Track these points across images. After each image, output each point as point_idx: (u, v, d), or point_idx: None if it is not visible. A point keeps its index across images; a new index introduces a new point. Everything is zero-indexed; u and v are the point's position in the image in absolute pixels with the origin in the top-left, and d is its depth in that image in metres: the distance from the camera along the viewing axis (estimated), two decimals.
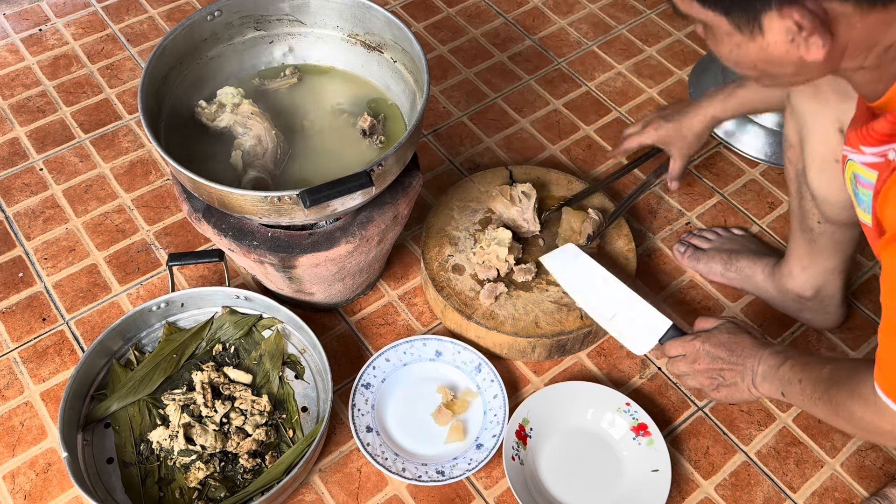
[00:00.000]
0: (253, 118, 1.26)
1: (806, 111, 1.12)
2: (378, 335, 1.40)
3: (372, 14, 1.31)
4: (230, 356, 1.31)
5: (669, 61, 1.85)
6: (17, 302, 1.43)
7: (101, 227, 1.53)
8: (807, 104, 1.12)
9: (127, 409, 1.24)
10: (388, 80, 1.36)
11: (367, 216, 1.23)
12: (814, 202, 1.20)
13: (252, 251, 1.21)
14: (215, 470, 1.19)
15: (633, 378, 1.36)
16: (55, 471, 1.25)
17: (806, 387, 1.00)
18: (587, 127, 1.72)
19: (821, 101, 1.09)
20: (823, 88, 1.08)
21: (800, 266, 1.31)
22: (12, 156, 1.64)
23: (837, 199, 1.15)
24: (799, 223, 1.27)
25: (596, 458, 1.25)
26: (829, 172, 1.13)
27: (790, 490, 1.25)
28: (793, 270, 1.32)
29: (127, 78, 1.79)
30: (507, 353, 1.35)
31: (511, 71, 1.82)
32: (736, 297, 1.45)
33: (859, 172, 0.86)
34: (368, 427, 1.26)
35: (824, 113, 1.09)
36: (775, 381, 1.06)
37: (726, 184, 1.62)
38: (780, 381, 1.05)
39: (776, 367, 1.06)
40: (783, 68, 0.81)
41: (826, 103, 1.09)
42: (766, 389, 1.08)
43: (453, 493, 1.23)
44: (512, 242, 1.35)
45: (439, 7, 1.96)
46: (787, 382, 1.04)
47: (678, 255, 1.50)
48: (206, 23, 1.29)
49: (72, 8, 1.93)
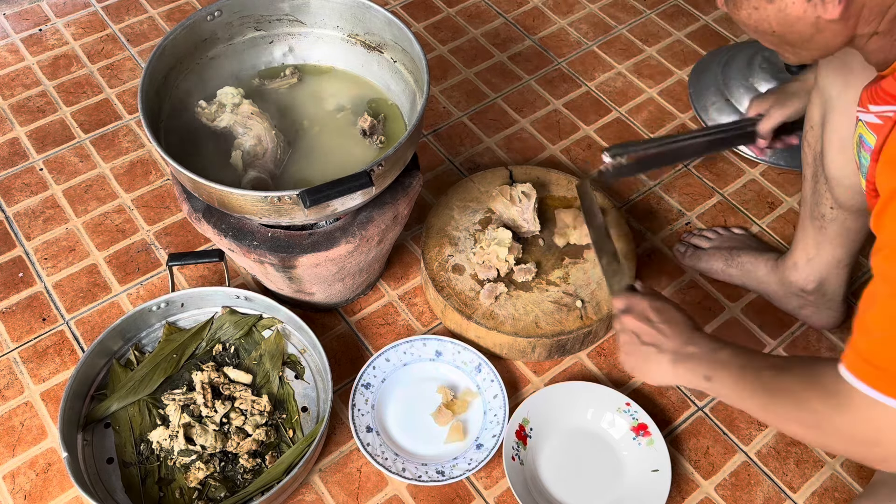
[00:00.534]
0: (253, 118, 1.26)
1: (831, 86, 1.12)
2: (378, 335, 1.40)
3: (372, 14, 1.31)
4: (230, 356, 1.31)
5: (669, 61, 1.85)
6: (17, 302, 1.43)
7: (101, 227, 1.53)
8: (833, 79, 1.11)
9: (127, 409, 1.24)
10: (388, 80, 1.36)
11: (367, 216, 1.23)
12: (827, 185, 1.19)
13: (252, 251, 1.21)
14: (215, 470, 1.19)
15: (633, 378, 1.36)
16: (55, 471, 1.25)
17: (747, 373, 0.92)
18: (587, 127, 1.72)
19: (849, 75, 1.08)
20: (853, 65, 1.07)
21: (805, 257, 1.31)
22: (12, 156, 1.64)
23: (852, 182, 1.15)
24: (810, 210, 1.26)
25: (596, 458, 1.25)
26: (847, 153, 1.12)
27: (790, 490, 1.25)
28: (798, 262, 1.32)
29: (127, 78, 1.79)
30: (507, 353, 1.35)
31: (511, 71, 1.82)
32: (736, 297, 1.45)
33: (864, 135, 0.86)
34: (368, 427, 1.26)
35: (851, 89, 1.08)
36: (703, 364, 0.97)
37: (726, 184, 1.62)
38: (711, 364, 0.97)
39: (712, 350, 0.98)
40: (801, 31, 0.82)
41: (854, 79, 1.07)
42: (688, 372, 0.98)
43: (453, 493, 1.23)
44: (512, 242, 1.35)
45: (439, 7, 1.96)
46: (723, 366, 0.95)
47: (678, 255, 1.50)
48: (206, 23, 1.29)
49: (72, 8, 1.93)
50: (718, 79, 1.73)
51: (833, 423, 0.80)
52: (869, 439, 0.78)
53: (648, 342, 1.03)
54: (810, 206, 1.26)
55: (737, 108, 1.68)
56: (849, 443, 0.81)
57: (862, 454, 0.82)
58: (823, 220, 1.24)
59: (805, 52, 0.88)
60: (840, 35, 0.83)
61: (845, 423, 0.79)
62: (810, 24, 0.81)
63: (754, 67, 1.69)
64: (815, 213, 1.25)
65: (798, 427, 0.86)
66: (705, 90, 1.75)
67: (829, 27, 0.81)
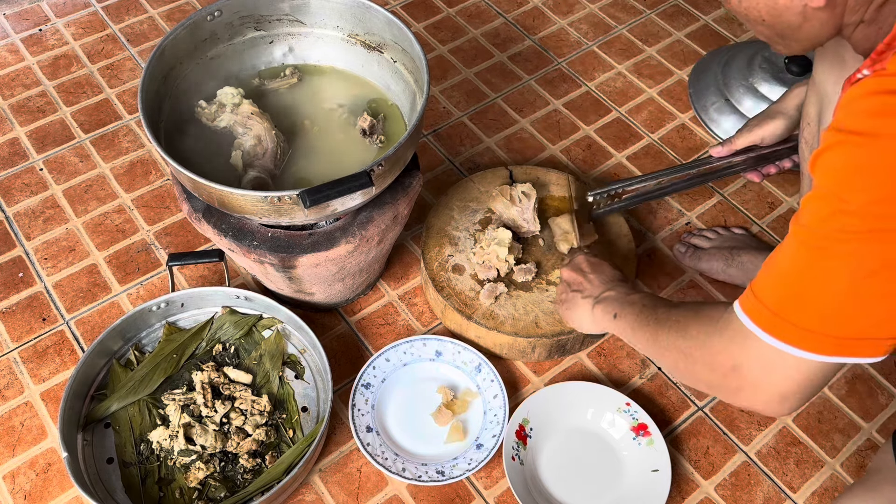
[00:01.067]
0: (253, 118, 1.26)
1: (826, 81, 1.12)
2: (378, 335, 1.40)
3: (372, 14, 1.31)
4: (230, 356, 1.31)
5: (669, 61, 1.85)
6: (17, 302, 1.43)
7: (101, 227, 1.53)
8: (828, 74, 1.12)
9: (127, 409, 1.24)
10: (388, 80, 1.36)
11: (367, 216, 1.23)
12: None
13: (252, 251, 1.21)
14: (215, 470, 1.19)
15: (633, 378, 1.36)
16: (55, 471, 1.25)
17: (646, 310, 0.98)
18: (587, 127, 1.72)
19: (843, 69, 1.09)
20: (847, 58, 1.08)
21: None
22: (12, 156, 1.64)
23: None
24: None
25: (596, 458, 1.25)
26: None
27: (790, 490, 1.25)
28: None
29: (127, 78, 1.79)
30: (507, 353, 1.35)
31: (511, 71, 1.82)
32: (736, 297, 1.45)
33: None
34: (368, 427, 1.26)
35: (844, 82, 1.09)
36: (615, 304, 1.04)
37: (726, 184, 1.62)
38: (620, 303, 1.03)
39: (626, 293, 1.06)
40: (789, 20, 0.83)
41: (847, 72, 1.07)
42: (601, 311, 1.08)
43: (453, 493, 1.23)
44: (512, 242, 1.35)
45: (439, 7, 1.96)
46: (629, 305, 1.02)
47: (679, 255, 1.50)
48: (206, 23, 1.29)
49: (72, 8, 1.93)
50: (718, 79, 1.73)
51: (704, 345, 0.84)
52: (730, 364, 0.81)
53: (576, 289, 1.17)
54: None
55: (736, 108, 1.68)
56: (711, 369, 0.84)
57: (718, 381, 0.84)
58: None
59: (795, 43, 0.89)
60: (827, 24, 0.84)
61: (715, 346, 0.83)
62: (798, 13, 0.82)
63: (754, 67, 1.69)
64: None
65: (672, 354, 0.90)
66: (705, 90, 1.75)
67: (816, 15, 0.82)
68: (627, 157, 1.66)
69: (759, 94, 1.66)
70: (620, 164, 1.65)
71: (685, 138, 1.70)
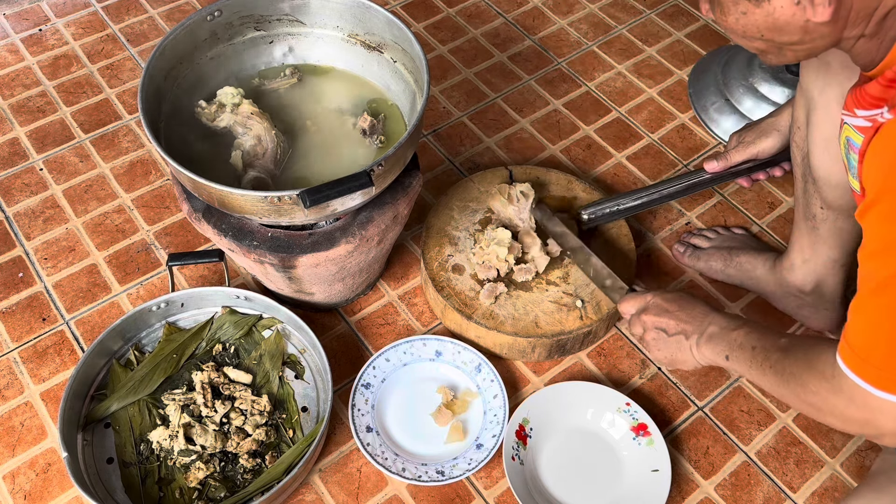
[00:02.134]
0: (253, 118, 1.26)
1: (813, 86, 1.12)
2: (378, 335, 1.40)
3: (372, 14, 1.31)
4: (230, 356, 1.31)
5: (669, 61, 1.85)
6: (17, 302, 1.43)
7: (101, 227, 1.53)
8: (814, 79, 1.12)
9: (127, 409, 1.24)
10: (388, 80, 1.36)
11: (367, 216, 1.23)
12: (815, 186, 1.20)
13: (252, 251, 1.21)
14: (215, 470, 1.19)
15: (633, 378, 1.36)
16: (55, 471, 1.25)
17: (758, 354, 0.98)
18: (587, 127, 1.72)
19: (828, 74, 1.09)
20: (832, 63, 1.08)
21: (801, 258, 1.31)
22: (12, 156, 1.64)
23: (839, 181, 1.15)
24: (803, 212, 1.27)
25: (596, 458, 1.25)
26: (831, 151, 1.13)
27: (790, 490, 1.25)
28: (794, 262, 1.33)
29: (127, 78, 1.79)
30: (507, 353, 1.35)
31: (511, 71, 1.82)
32: (736, 297, 1.46)
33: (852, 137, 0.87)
34: (368, 427, 1.26)
35: (831, 87, 1.09)
36: (722, 343, 1.03)
37: (726, 184, 1.62)
38: (729, 343, 1.03)
39: (729, 329, 1.04)
40: (790, 35, 0.83)
41: (833, 77, 1.08)
42: (710, 352, 1.06)
43: (453, 493, 1.23)
44: (512, 242, 1.35)
45: (439, 7, 1.96)
46: (738, 347, 1.01)
47: (678, 254, 1.50)
48: (206, 23, 1.29)
49: (72, 8, 1.93)
50: (718, 79, 1.73)
51: (829, 403, 0.87)
52: (861, 420, 0.85)
53: (675, 332, 1.10)
54: (802, 207, 1.27)
55: (736, 108, 1.68)
56: (846, 422, 0.87)
57: (857, 431, 0.89)
58: (815, 220, 1.25)
59: (790, 55, 0.88)
60: (828, 38, 0.83)
61: (839, 405, 0.86)
62: (799, 28, 0.81)
63: (754, 67, 1.69)
64: (808, 213, 1.26)
65: (803, 406, 0.92)
66: (705, 90, 1.75)
67: (818, 30, 0.81)
68: (627, 157, 1.66)
69: (759, 94, 1.66)
70: (620, 164, 1.65)
71: (685, 138, 1.70)
